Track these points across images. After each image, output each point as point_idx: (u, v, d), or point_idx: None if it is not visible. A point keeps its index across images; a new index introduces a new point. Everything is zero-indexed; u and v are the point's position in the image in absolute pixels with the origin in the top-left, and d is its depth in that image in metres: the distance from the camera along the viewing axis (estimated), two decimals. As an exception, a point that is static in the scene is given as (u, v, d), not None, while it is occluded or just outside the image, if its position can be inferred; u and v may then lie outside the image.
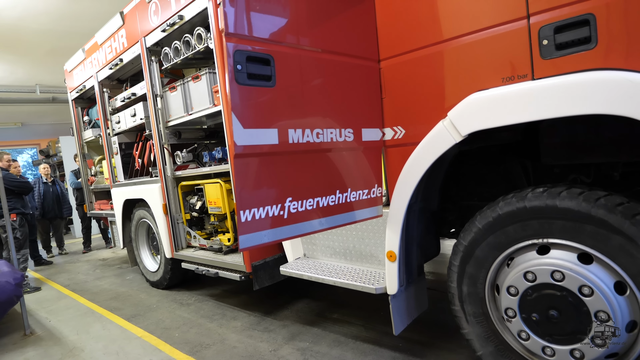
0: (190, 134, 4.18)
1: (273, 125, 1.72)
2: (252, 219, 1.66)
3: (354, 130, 2.09)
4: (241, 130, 1.59)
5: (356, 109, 2.13)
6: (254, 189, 1.69)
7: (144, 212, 4.56)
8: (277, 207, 1.75)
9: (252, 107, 1.65)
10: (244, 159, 1.62)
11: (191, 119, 3.71)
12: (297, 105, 1.86)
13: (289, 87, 1.80)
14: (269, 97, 1.72)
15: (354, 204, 2.15)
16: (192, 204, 4.00)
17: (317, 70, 1.97)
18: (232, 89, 1.57)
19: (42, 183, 7.65)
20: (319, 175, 1.95)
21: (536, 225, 1.85)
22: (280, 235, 1.77)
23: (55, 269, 6.62)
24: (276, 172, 1.76)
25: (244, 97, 1.62)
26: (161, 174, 4.07)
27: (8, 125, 11.91)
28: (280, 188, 1.78)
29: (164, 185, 4.06)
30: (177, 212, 4.10)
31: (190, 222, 4.13)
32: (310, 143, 1.87)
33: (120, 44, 4.39)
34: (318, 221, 1.93)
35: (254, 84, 1.65)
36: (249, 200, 1.66)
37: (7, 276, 3.36)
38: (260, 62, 1.68)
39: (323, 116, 1.96)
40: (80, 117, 5.94)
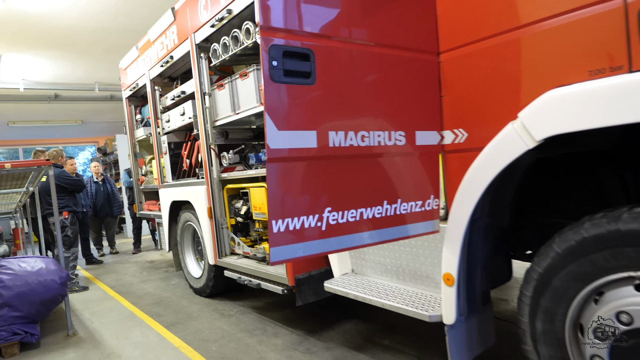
0: (238, 134, 4.31)
1: (311, 127, 1.71)
2: (286, 230, 1.65)
3: (407, 133, 2.02)
4: (275, 132, 1.60)
5: (409, 108, 2.06)
6: (289, 196, 1.68)
7: (189, 214, 4.77)
8: (314, 218, 1.73)
9: (288, 107, 1.65)
10: (277, 163, 1.62)
11: (238, 118, 3.83)
12: (339, 104, 1.83)
13: (330, 84, 1.78)
14: (307, 95, 1.71)
15: (406, 217, 2.07)
16: (237, 209, 4.11)
17: (362, 65, 1.93)
18: (267, 87, 1.58)
19: (93, 182, 8.33)
20: (363, 183, 1.91)
21: (633, 254, 1.64)
22: (317, 249, 1.74)
23: (104, 269, 7.17)
24: (314, 178, 1.74)
25: (279, 95, 1.62)
26: (207, 176, 4.24)
27: (69, 122, 13.13)
28: (319, 197, 1.76)
29: (209, 187, 4.22)
30: (222, 217, 4.24)
31: (235, 228, 4.25)
32: (354, 147, 1.83)
33: (171, 40, 4.65)
34: (361, 235, 1.89)
35: (291, 81, 1.64)
36: (282, 209, 1.66)
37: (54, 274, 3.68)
38: (299, 58, 1.67)
39: (369, 117, 1.92)
40: (133, 115, 6.38)
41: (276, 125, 1.59)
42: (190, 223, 4.83)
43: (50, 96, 10.16)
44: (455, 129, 2.14)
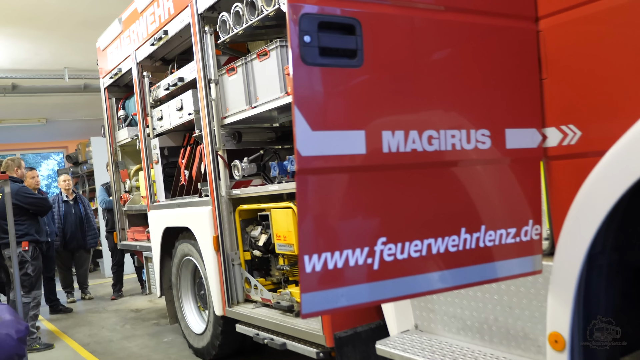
0: (254, 135, 4.39)
1: (358, 126, 1.72)
2: (323, 269, 1.66)
3: (492, 131, 2.00)
4: (308, 134, 1.62)
5: (495, 97, 2.04)
6: (327, 222, 1.69)
7: (189, 246, 4.88)
8: (363, 253, 1.73)
9: (325, 98, 1.67)
10: (311, 176, 1.64)
11: (256, 113, 3.91)
12: (396, 93, 1.84)
13: (384, 66, 1.79)
14: (352, 82, 1.72)
15: (493, 251, 2.04)
16: (254, 238, 4.17)
17: (428, 38, 1.93)
18: (297, 71, 1.60)
19: (62, 201, 8.65)
20: (432, 203, 1.90)
21: None
22: (367, 296, 1.74)
23: (74, 319, 7.39)
24: (362, 197, 1.75)
25: (314, 83, 1.64)
26: (213, 193, 4.33)
27: (30, 122, 13.77)
28: (369, 222, 1.76)
29: (216, 208, 4.31)
30: (232, 249, 4.31)
31: (250, 265, 4.31)
32: (418, 153, 1.83)
33: (165, 10, 4.82)
34: (429, 277, 1.87)
35: (330, 63, 1.66)
36: (318, 239, 1.67)
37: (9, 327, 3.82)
38: (341, 30, 1.69)
39: (439, 110, 1.91)
40: (114, 111, 6.63)
41: (309, 123, 1.61)
42: (190, 258, 4.94)
43: (6, 87, 10.68)
44: (564, 126, 2.10)
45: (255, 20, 3.68)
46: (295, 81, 1.60)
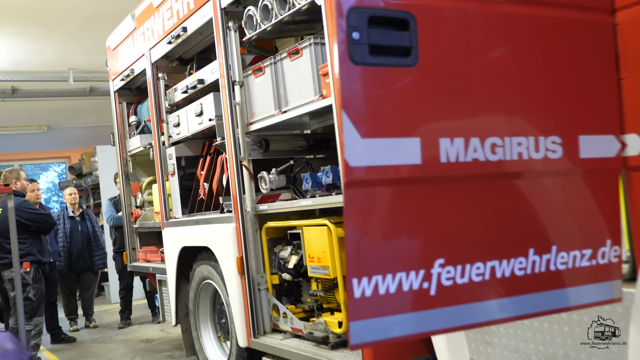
0: (284, 143, 4.43)
1: (413, 132, 1.74)
2: (374, 294, 1.67)
3: (564, 138, 1.99)
4: (357, 141, 1.64)
5: (567, 100, 2.04)
6: (379, 241, 1.70)
7: (209, 268, 4.93)
8: (419, 276, 1.73)
9: (376, 102, 1.69)
10: (361, 189, 1.66)
11: (286, 119, 3.95)
12: (454, 96, 1.85)
13: (441, 65, 1.80)
14: (406, 83, 1.74)
15: (565, 276, 2.03)
16: (283, 260, 4.19)
17: (491, 33, 1.94)
18: (345, 71, 1.63)
19: (67, 217, 8.82)
20: (495, 220, 1.89)
21: None
22: (422, 325, 1.74)
23: (78, 350, 7.49)
24: (418, 213, 1.76)
25: (364, 84, 1.66)
26: (237, 208, 4.38)
27: (30, 129, 14.08)
28: (425, 242, 1.77)
29: (240, 226, 4.35)
30: (258, 272, 4.34)
31: (279, 290, 4.33)
32: (480, 163, 1.83)
33: (185, 4, 4.91)
34: (491, 305, 1.86)
35: (382, 62, 1.69)
36: (369, 260, 1.68)
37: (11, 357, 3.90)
38: (393, 26, 1.71)
39: (503, 115, 1.92)
40: (125, 117, 6.75)
41: (358, 130, 1.63)
42: (210, 282, 4.98)
43: (5, 91, 10.97)
44: (647, 132, 2.09)
45: (285, 15, 3.73)
46: (343, 83, 1.62)
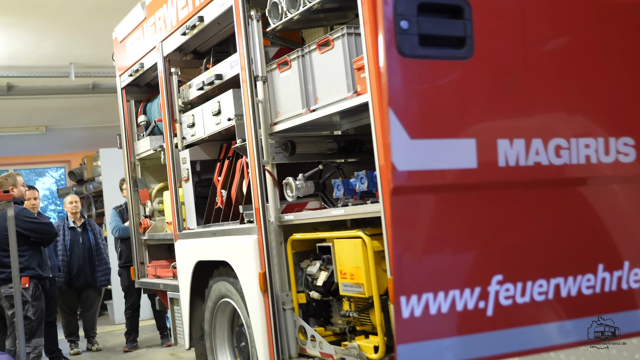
0: (312, 146, 4.44)
1: (468, 133, 1.74)
2: (424, 313, 1.67)
3: (638, 140, 1.98)
4: (406, 143, 1.64)
5: None
6: (430, 255, 1.70)
7: (227, 285, 4.94)
8: (474, 294, 1.73)
9: (428, 99, 1.69)
10: (410, 196, 1.66)
11: (315, 118, 3.96)
12: (513, 91, 1.85)
13: (499, 57, 1.80)
14: (460, 77, 1.74)
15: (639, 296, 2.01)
16: (311, 276, 4.19)
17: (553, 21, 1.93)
18: (393, 65, 1.63)
19: (67, 228, 8.91)
20: (559, 232, 1.89)
21: None
22: (479, 349, 1.74)
23: (81, 376, 7.54)
24: (473, 223, 1.75)
25: (413, 79, 1.67)
26: (259, 219, 4.39)
27: (27, 130, 14.27)
28: (481, 256, 1.76)
29: (262, 238, 4.36)
30: (283, 290, 4.34)
31: (306, 310, 4.32)
32: (543, 167, 1.82)
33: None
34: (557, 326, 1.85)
35: (433, 54, 1.69)
36: (419, 276, 1.68)
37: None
38: (446, 14, 1.72)
39: (568, 113, 1.91)
40: (133, 117, 6.81)
41: (407, 130, 1.63)
42: (228, 300, 4.99)
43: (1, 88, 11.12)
44: None
45: (315, 2, 3.75)
46: (390, 78, 1.63)
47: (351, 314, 3.93)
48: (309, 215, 4.14)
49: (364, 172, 3.72)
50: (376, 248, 3.63)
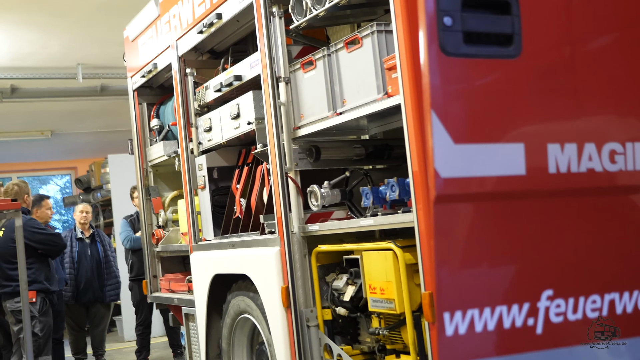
0: (337, 151, 4.44)
1: (515, 137, 1.73)
2: (469, 331, 1.66)
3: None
4: (450, 148, 1.64)
5: None
6: (474, 267, 1.70)
7: (246, 300, 4.94)
8: (523, 310, 1.72)
9: (472, 100, 1.69)
10: (453, 205, 1.66)
11: (341, 122, 3.96)
12: (564, 93, 1.84)
13: (550, 56, 1.80)
14: (507, 78, 1.74)
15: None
16: (337, 291, 4.18)
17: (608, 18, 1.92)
18: (435, 64, 1.63)
19: (75, 238, 8.97)
20: (615, 243, 1.87)
21: None
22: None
23: (89, 397, 7.57)
24: (521, 233, 1.75)
25: (457, 80, 1.67)
26: (281, 229, 4.39)
27: (32, 135, 14.38)
28: (530, 269, 1.76)
29: (285, 250, 4.36)
30: (307, 306, 4.34)
31: (331, 327, 4.31)
32: (597, 174, 1.81)
33: (219, -14, 4.98)
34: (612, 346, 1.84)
35: (478, 52, 1.69)
36: (464, 290, 1.67)
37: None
38: (491, 9, 1.71)
39: (622, 116, 1.89)
40: (145, 121, 6.84)
41: (451, 134, 1.63)
42: (248, 316, 4.99)
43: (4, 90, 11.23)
44: None
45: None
46: (432, 78, 1.63)
47: (381, 332, 3.92)
48: (336, 226, 4.13)
49: (394, 180, 3.71)
50: (408, 261, 3.60)
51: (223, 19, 4.96)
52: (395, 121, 4.12)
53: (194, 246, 5.64)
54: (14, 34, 9.25)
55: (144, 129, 6.87)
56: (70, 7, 8.44)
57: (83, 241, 8.91)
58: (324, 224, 4.24)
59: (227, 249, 5.11)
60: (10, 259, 6.89)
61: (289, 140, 4.34)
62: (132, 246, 8.68)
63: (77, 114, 13.31)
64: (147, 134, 6.84)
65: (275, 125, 4.38)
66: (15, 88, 11.22)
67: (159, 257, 6.76)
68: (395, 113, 3.79)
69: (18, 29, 9.08)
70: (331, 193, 4.16)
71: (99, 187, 13.82)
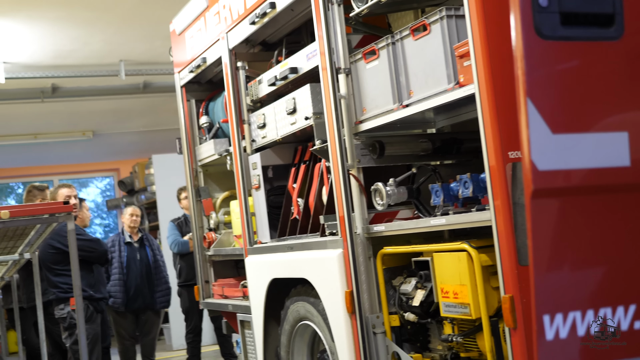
0: (402, 146, 4.42)
1: (618, 126, 1.69)
2: (571, 335, 1.63)
3: None
4: (548, 138, 1.61)
5: None
6: (575, 266, 1.67)
7: (306, 306, 4.95)
8: (629, 312, 1.68)
9: (571, 87, 1.66)
10: (552, 200, 1.63)
11: (407, 115, 3.94)
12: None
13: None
14: (608, 61, 1.70)
15: None
16: (406, 295, 4.16)
17: None
18: (530, 48, 1.61)
19: (123, 243, 9.09)
20: None
21: None
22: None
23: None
24: (626, 229, 1.71)
25: (555, 64, 1.64)
26: (344, 230, 4.39)
27: (73, 136, 14.64)
28: (636, 266, 1.72)
29: (348, 252, 4.36)
30: (373, 311, 4.33)
31: (399, 334, 4.30)
32: None
33: (272, -27, 5.00)
34: None
35: (577, 35, 1.66)
36: (564, 292, 1.65)
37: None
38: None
39: None
40: (195, 119, 6.90)
41: (548, 123, 1.60)
42: (308, 323, 5.00)
43: (45, 89, 11.47)
44: None
45: (407, -18, 3.74)
46: (528, 63, 1.60)
47: (454, 339, 3.89)
48: (404, 226, 4.11)
49: (468, 176, 3.67)
50: (484, 262, 3.57)
51: (277, 8, 4.97)
52: (465, 113, 4.10)
53: (249, 249, 5.67)
54: (56, 31, 9.44)
55: (192, 127, 6.93)
56: (112, 1, 8.57)
57: (132, 245, 9.01)
58: (390, 224, 4.23)
59: (284, 252, 5.13)
60: (50, 265, 7.05)
61: (350, 136, 4.33)
62: (180, 250, 8.78)
63: (119, 113, 13.52)
64: (196, 132, 6.90)
65: (336, 120, 4.38)
66: (56, 87, 11.44)
67: (210, 262, 6.80)
68: (466, 104, 3.77)
69: (59, 26, 9.26)
70: (397, 191, 4.14)
71: (143, 189, 13.99)
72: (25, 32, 9.34)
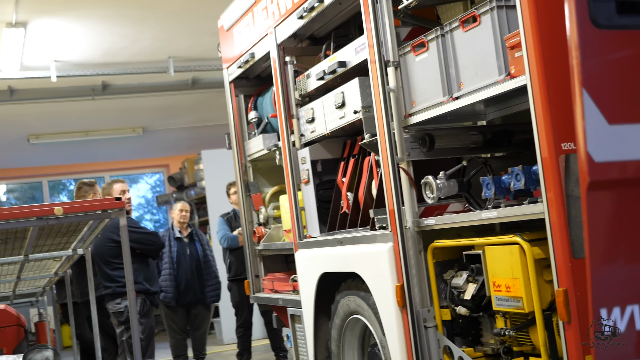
0: (453, 139, 4.40)
1: (677, 115, 1.67)
2: (629, 328, 1.62)
3: None
4: (604, 129, 1.60)
5: None
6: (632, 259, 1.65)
7: (357, 300, 4.97)
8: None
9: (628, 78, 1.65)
10: (609, 192, 1.61)
11: (457, 107, 3.92)
12: None
13: None
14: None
15: None
16: (457, 289, 4.15)
17: None
18: (585, 38, 1.59)
19: (173, 238, 9.22)
20: None
21: None
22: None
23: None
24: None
25: (611, 54, 1.62)
26: (394, 223, 4.39)
27: (123, 132, 14.85)
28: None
29: (399, 246, 4.36)
30: (424, 305, 4.32)
31: (451, 328, 4.29)
32: None
33: (321, -33, 5.00)
34: None
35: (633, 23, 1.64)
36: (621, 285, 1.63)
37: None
38: (648, -26, 1.67)
39: None
40: (243, 114, 6.95)
41: (605, 114, 1.59)
42: (358, 317, 5.02)
43: (95, 87, 11.66)
44: None
45: (456, -26, 3.72)
46: (583, 53, 1.58)
47: (507, 332, 3.87)
48: (455, 219, 4.10)
49: (520, 168, 3.64)
50: (537, 255, 3.55)
51: (325, 1, 4.97)
52: (516, 104, 4.07)
53: (299, 244, 5.69)
54: (105, 29, 9.58)
55: (241, 123, 6.97)
56: (160, -1, 8.69)
57: (182, 241, 9.13)
58: (440, 218, 4.22)
59: (334, 246, 5.14)
60: (108, 259, 7.15)
61: (399, 129, 4.33)
62: (229, 245, 8.84)
63: (168, 109, 13.67)
64: (244, 127, 6.94)
65: (385, 114, 4.38)
66: (106, 85, 11.61)
67: (260, 256, 6.84)
68: (517, 95, 3.74)
69: (109, 24, 9.40)
70: (448, 184, 4.12)
71: (193, 184, 14.12)
72: (75, 31, 9.52)
